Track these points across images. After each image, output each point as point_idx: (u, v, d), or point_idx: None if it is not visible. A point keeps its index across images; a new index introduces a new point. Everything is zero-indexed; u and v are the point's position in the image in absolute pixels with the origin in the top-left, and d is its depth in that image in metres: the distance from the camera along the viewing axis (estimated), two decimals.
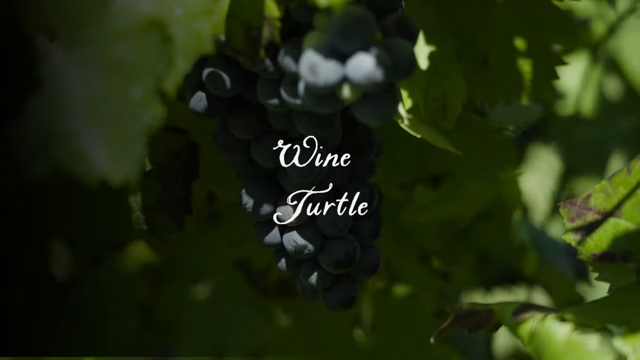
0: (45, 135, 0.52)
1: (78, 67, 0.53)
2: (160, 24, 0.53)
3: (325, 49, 0.59)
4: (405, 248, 0.92)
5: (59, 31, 0.52)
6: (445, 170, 0.83)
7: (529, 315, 0.59)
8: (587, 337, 0.57)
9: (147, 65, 0.54)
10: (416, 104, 0.75)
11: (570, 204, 0.66)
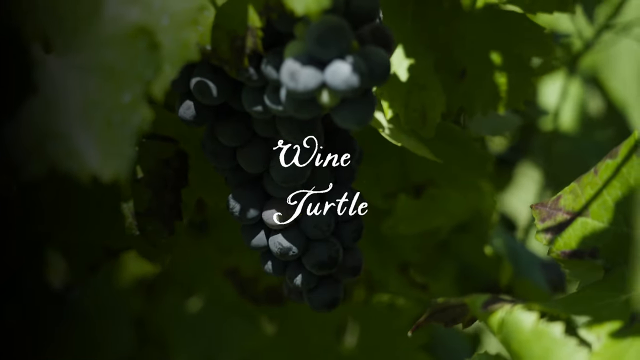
0: (41, 136, 0.56)
1: (71, 72, 0.57)
2: (148, 31, 0.57)
3: (304, 57, 0.63)
4: (386, 259, 0.96)
5: (54, 38, 0.56)
6: (427, 179, 0.87)
7: (498, 306, 0.62)
8: (552, 325, 0.60)
9: (136, 71, 0.57)
10: (397, 114, 0.79)
11: (542, 205, 0.70)
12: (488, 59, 0.80)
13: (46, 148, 0.56)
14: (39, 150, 0.56)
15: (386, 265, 0.96)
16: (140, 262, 1.17)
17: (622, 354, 0.60)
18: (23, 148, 0.56)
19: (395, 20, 0.79)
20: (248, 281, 0.93)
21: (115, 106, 0.57)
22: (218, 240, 0.93)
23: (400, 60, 0.79)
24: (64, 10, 0.57)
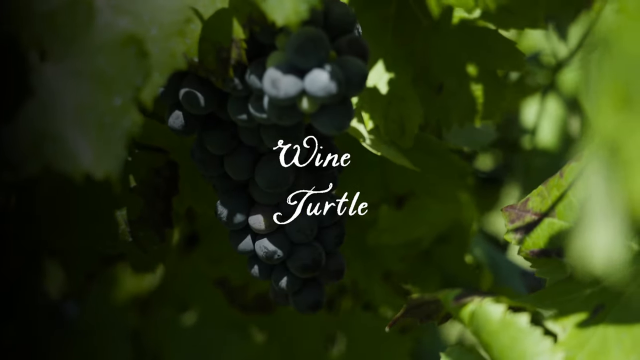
0: (38, 137, 0.60)
1: (66, 77, 0.61)
2: (138, 40, 0.62)
3: (285, 66, 0.67)
4: (371, 268, 1.00)
5: (50, 46, 0.61)
6: (408, 190, 0.91)
7: (469, 299, 0.66)
8: (518, 316, 0.64)
9: (126, 77, 0.62)
10: (377, 126, 0.83)
11: (511, 207, 0.74)
12: (464, 73, 0.84)
13: (42, 148, 0.61)
14: (35, 150, 0.60)
15: (371, 274, 1.00)
16: (135, 279, 1.21)
17: (585, 342, 0.64)
18: (21, 148, 0.61)
19: (375, 36, 0.84)
20: (237, 290, 0.97)
21: (107, 109, 0.61)
22: (208, 251, 0.97)
23: (380, 74, 0.84)
24: (59, 20, 0.61)
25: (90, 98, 0.61)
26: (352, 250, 0.95)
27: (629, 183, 0.37)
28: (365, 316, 1.04)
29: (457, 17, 0.84)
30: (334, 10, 0.70)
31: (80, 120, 0.61)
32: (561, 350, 0.63)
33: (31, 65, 0.61)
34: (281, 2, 0.63)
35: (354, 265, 0.98)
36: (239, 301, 0.97)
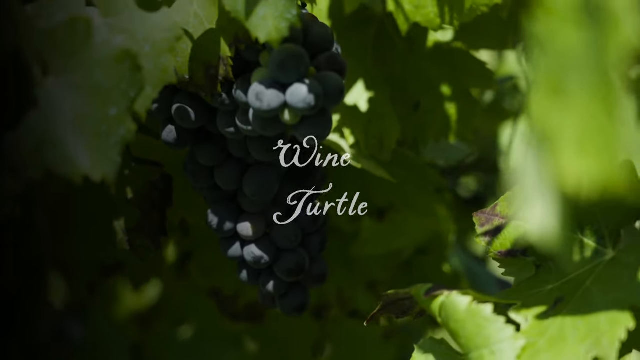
0: (40, 143, 0.65)
1: (66, 89, 0.66)
2: (132, 55, 0.66)
3: (268, 81, 0.72)
4: (355, 278, 1.04)
5: (51, 61, 0.65)
6: (389, 204, 0.96)
7: (439, 293, 0.70)
8: (483, 306, 0.68)
9: (121, 89, 0.66)
10: (358, 141, 0.88)
11: (482, 212, 0.79)
12: (439, 93, 0.89)
13: (44, 153, 0.65)
14: (37, 155, 0.65)
15: (355, 283, 1.04)
16: (135, 296, 1.25)
17: (545, 330, 0.68)
18: (24, 153, 0.65)
19: (356, 58, 0.88)
20: (229, 300, 1.01)
21: (103, 119, 0.66)
22: (201, 263, 1.02)
23: (361, 93, 0.89)
24: (60, 37, 0.66)
25: (88, 108, 0.66)
26: (337, 262, 0.99)
27: (558, 161, 0.42)
28: (351, 323, 1.08)
29: (431, 40, 0.89)
30: (314, 29, 0.75)
31: (78, 129, 0.65)
32: (523, 337, 0.67)
33: (34, 78, 0.65)
34: (264, 21, 0.67)
35: (340, 275, 1.02)
36: (230, 310, 1.01)
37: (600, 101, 0.41)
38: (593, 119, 0.41)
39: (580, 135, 0.41)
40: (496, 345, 0.68)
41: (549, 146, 0.43)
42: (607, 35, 0.41)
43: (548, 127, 0.43)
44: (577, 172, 0.41)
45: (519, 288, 0.75)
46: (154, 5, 0.69)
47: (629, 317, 0.64)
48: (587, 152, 0.41)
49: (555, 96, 0.43)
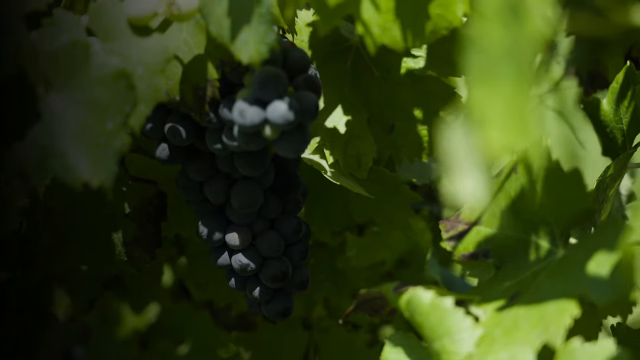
0: (44, 153, 0.71)
1: (67, 105, 0.71)
2: (127, 74, 0.72)
3: (250, 99, 0.78)
4: (341, 288, 1.09)
5: (53, 79, 0.71)
6: (368, 219, 1.01)
7: (405, 289, 0.76)
8: (445, 299, 0.74)
9: (117, 105, 0.72)
10: (337, 160, 0.93)
11: (447, 220, 0.84)
12: (411, 116, 0.94)
13: (47, 162, 0.71)
14: (42, 163, 0.71)
15: (341, 293, 1.09)
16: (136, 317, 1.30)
17: (501, 321, 0.73)
18: (29, 162, 0.71)
19: (335, 85, 0.94)
20: (221, 311, 1.07)
21: (101, 132, 0.72)
22: (195, 276, 1.07)
23: (340, 117, 0.94)
24: (61, 59, 0.71)
25: (87, 122, 0.72)
26: (324, 274, 1.05)
27: (486, 137, 0.48)
28: (338, 332, 1.12)
29: (404, 68, 0.94)
30: (292, 54, 0.81)
31: (79, 140, 0.71)
32: (481, 327, 0.73)
33: (38, 95, 0.71)
34: (246, 45, 0.73)
35: (326, 286, 1.08)
36: (223, 321, 1.07)
37: (518, 86, 0.47)
38: (514, 102, 0.47)
39: (504, 116, 0.47)
40: (457, 335, 0.73)
41: (480, 126, 0.48)
42: (522, 29, 0.47)
43: (480, 111, 0.49)
44: (501, 145, 0.47)
45: (481, 287, 0.80)
46: (147, 31, 0.75)
47: (575, 306, 0.69)
48: (509, 129, 0.47)
49: (485, 85, 0.49)
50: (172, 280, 1.24)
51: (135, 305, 1.23)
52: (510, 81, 0.47)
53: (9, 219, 0.88)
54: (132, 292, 1.17)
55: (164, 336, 1.24)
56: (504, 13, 0.49)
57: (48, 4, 0.74)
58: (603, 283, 0.70)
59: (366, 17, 0.74)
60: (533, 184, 0.78)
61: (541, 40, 0.46)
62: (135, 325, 1.31)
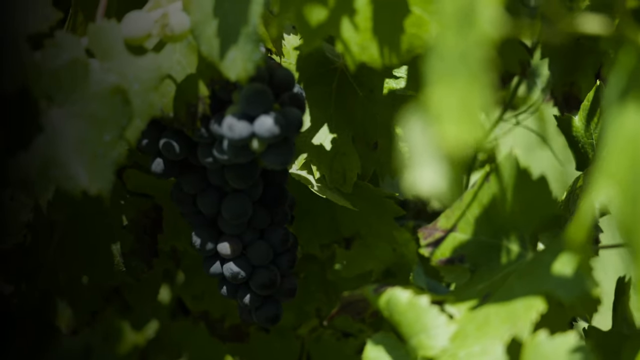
0: (46, 163, 0.76)
1: (67, 118, 0.76)
2: (123, 90, 0.77)
3: (238, 114, 0.83)
4: (331, 298, 1.13)
5: (55, 94, 0.76)
6: (355, 232, 1.06)
7: (384, 290, 0.80)
8: (421, 298, 0.78)
9: (114, 119, 0.77)
10: (323, 175, 0.98)
11: (425, 228, 0.89)
12: (394, 134, 0.99)
13: (49, 171, 0.76)
14: (44, 172, 0.76)
15: (332, 303, 1.13)
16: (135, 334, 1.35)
17: (474, 318, 0.77)
18: (33, 172, 0.76)
19: (321, 105, 0.99)
20: (216, 322, 1.11)
21: (99, 143, 0.76)
22: (191, 289, 1.12)
23: (326, 135, 0.99)
24: (62, 76, 0.76)
25: (86, 134, 0.76)
26: (315, 285, 1.09)
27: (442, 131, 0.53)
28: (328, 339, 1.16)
29: (386, 88, 0.99)
30: (278, 73, 0.86)
31: (78, 151, 0.76)
32: (455, 324, 0.77)
33: (41, 109, 0.76)
34: (234, 63, 0.78)
35: (318, 296, 1.12)
36: (217, 332, 1.11)
37: (470, 86, 0.52)
38: (466, 99, 0.52)
39: (458, 111, 0.52)
40: (432, 331, 0.77)
41: (437, 121, 0.53)
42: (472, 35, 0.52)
43: (437, 108, 0.54)
44: (455, 137, 0.51)
45: (457, 289, 0.85)
46: (142, 50, 0.80)
47: (541, 302, 0.74)
48: (462, 123, 0.52)
49: (441, 85, 0.54)
50: (170, 298, 1.29)
51: (135, 322, 1.27)
52: (463, 81, 0.52)
53: (14, 232, 0.93)
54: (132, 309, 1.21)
55: (163, 351, 1.28)
56: (457, 21, 0.54)
57: (50, 27, 0.78)
58: (567, 281, 0.74)
59: (346, 36, 0.79)
60: (504, 192, 0.82)
61: (489, 44, 0.51)
62: (135, 341, 1.35)
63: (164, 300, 1.28)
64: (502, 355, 0.73)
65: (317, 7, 0.78)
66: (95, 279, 0.97)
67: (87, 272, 0.97)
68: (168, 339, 1.28)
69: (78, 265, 0.96)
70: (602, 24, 0.58)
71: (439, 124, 0.53)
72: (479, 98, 0.51)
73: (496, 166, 0.83)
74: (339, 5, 0.79)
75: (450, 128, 0.52)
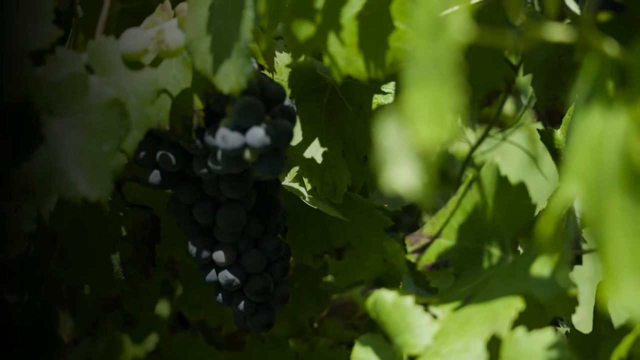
0: (48, 172, 0.79)
1: (68, 129, 0.80)
2: (121, 103, 0.81)
3: (232, 126, 0.86)
4: (324, 307, 1.16)
5: (55, 107, 0.80)
6: (346, 243, 1.09)
7: (371, 292, 0.84)
8: (405, 298, 0.81)
9: (112, 130, 0.80)
10: (315, 187, 1.02)
11: (411, 235, 0.92)
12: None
13: (51, 180, 0.79)
14: (46, 181, 0.79)
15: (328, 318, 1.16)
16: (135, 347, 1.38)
17: (456, 318, 0.80)
18: (35, 180, 0.79)
19: (312, 120, 1.03)
20: (213, 331, 1.14)
21: (98, 153, 0.80)
22: (189, 299, 1.15)
23: (317, 148, 1.03)
24: (62, 89, 0.80)
25: (86, 144, 0.80)
26: (308, 295, 1.12)
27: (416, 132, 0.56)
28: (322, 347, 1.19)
29: (375, 104, 1.03)
30: (269, 87, 0.89)
31: (78, 160, 0.79)
32: (438, 323, 0.80)
33: (42, 121, 0.80)
34: (226, 76, 0.82)
35: (311, 306, 1.15)
36: (214, 340, 1.14)
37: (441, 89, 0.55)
38: (437, 102, 0.56)
39: (430, 112, 0.56)
40: (417, 330, 0.80)
41: (411, 122, 0.57)
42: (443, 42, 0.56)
43: (411, 109, 0.57)
44: (427, 136, 0.55)
45: (441, 292, 0.88)
46: (139, 65, 0.84)
47: (519, 301, 0.77)
48: (433, 123, 0.55)
49: (416, 89, 0.58)
50: (169, 312, 1.32)
51: (136, 335, 1.31)
52: (435, 84, 0.56)
53: (17, 242, 0.96)
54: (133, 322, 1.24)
55: None
56: (430, 30, 0.58)
57: (51, 43, 0.82)
58: (544, 281, 0.78)
59: (332, 50, 0.83)
60: (485, 199, 0.86)
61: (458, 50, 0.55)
62: (135, 353, 1.38)
63: (163, 314, 1.32)
64: (482, 351, 0.76)
65: (305, 23, 0.82)
66: (95, 288, 1.00)
67: (87, 281, 1.00)
68: (167, 352, 1.31)
69: (79, 275, 1.00)
70: (567, 32, 0.62)
71: (413, 124, 0.56)
72: (449, 100, 0.55)
73: (478, 175, 0.87)
74: (325, 21, 0.83)
75: (422, 128, 0.56)
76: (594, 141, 0.59)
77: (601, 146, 0.59)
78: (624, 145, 0.56)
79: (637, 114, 0.56)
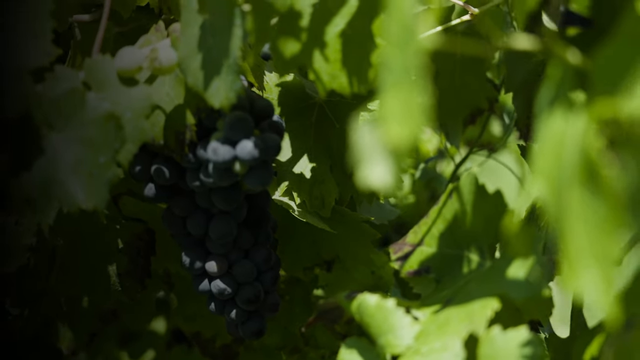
0: (47, 182, 0.83)
1: (66, 142, 0.84)
2: (116, 117, 0.85)
3: (222, 139, 0.90)
4: None
5: (54, 120, 0.84)
6: (335, 256, 1.13)
7: (355, 296, 0.87)
8: (387, 300, 0.85)
9: (108, 142, 0.84)
10: (304, 201, 1.06)
11: (395, 244, 0.96)
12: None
13: (50, 190, 0.83)
14: (45, 191, 0.83)
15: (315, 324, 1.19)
16: None
17: (436, 319, 0.84)
18: (35, 190, 0.83)
19: (301, 137, 1.07)
20: (207, 342, 1.18)
21: (94, 165, 0.84)
22: (184, 311, 1.19)
23: (306, 164, 1.07)
24: (61, 104, 0.84)
25: (83, 156, 0.83)
26: (300, 307, 1.16)
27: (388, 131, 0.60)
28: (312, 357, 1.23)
29: (362, 120, 1.07)
30: (258, 102, 0.93)
31: (76, 171, 0.83)
32: (419, 324, 0.84)
33: (42, 134, 0.84)
34: (217, 92, 0.85)
35: (302, 317, 1.19)
36: (209, 351, 1.18)
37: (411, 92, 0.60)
38: (407, 104, 0.60)
39: (401, 114, 0.60)
40: (399, 331, 0.84)
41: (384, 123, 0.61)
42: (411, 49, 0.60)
43: (384, 111, 0.61)
44: (398, 136, 0.59)
45: (423, 297, 0.92)
46: (133, 82, 0.88)
47: (496, 302, 0.81)
48: (404, 124, 0.59)
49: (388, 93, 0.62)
50: (165, 329, 1.35)
51: (133, 351, 1.34)
52: (405, 88, 0.60)
53: (18, 255, 1.00)
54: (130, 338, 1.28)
55: None
56: (399, 38, 0.62)
57: (50, 62, 0.86)
58: (519, 283, 0.81)
59: (317, 66, 0.87)
60: (465, 207, 0.90)
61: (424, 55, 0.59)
62: None
63: (159, 331, 1.35)
64: (460, 349, 0.79)
65: (291, 40, 0.86)
66: (94, 299, 1.04)
67: (86, 292, 1.04)
68: None
69: (78, 286, 1.03)
70: (532, 42, 0.66)
71: (385, 124, 0.60)
72: (417, 101, 0.59)
73: (458, 185, 0.91)
74: (310, 39, 0.87)
75: (394, 127, 0.60)
76: (556, 141, 0.63)
77: (563, 145, 0.63)
78: (583, 142, 0.60)
79: (596, 114, 0.60)
